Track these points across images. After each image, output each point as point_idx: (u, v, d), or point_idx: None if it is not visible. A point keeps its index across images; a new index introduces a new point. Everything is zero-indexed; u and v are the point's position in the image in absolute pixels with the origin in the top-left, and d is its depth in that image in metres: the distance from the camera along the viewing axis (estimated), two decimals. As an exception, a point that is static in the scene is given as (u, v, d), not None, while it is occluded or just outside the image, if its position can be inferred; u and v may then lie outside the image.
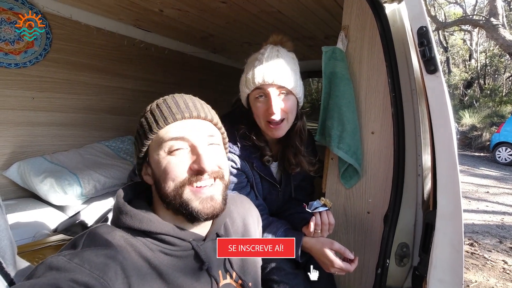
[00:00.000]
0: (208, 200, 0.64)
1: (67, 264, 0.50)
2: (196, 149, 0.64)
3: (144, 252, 0.60)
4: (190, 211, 0.62)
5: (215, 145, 0.69)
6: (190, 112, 0.67)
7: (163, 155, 0.64)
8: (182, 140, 0.64)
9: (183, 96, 0.71)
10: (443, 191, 0.85)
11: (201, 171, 0.63)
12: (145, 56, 2.47)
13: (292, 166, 1.19)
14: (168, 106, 0.67)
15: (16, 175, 1.81)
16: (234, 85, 1.20)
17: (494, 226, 3.95)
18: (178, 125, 0.66)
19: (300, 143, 1.18)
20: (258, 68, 1.04)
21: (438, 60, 0.85)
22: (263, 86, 1.03)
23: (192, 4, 1.67)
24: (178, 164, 0.63)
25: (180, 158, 0.64)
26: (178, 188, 0.63)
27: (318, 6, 1.58)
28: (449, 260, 0.85)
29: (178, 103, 0.67)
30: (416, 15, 0.88)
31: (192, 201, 0.63)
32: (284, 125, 1.09)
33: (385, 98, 1.13)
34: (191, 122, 0.67)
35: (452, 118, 0.87)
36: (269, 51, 1.09)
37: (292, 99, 1.08)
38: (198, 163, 0.63)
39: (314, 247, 1.01)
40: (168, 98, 0.70)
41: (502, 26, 9.50)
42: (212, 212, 0.64)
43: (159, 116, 0.66)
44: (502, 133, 8.52)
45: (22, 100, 1.83)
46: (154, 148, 0.67)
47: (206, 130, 0.68)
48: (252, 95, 1.09)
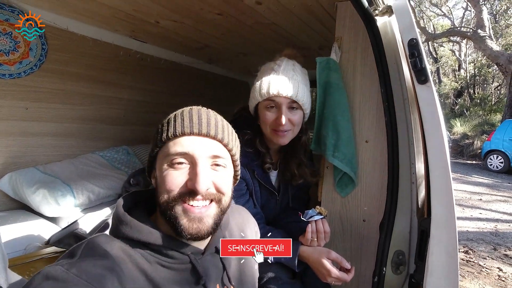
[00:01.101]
0: (195, 221, 0.62)
1: (64, 274, 0.50)
2: (195, 167, 0.63)
3: (142, 264, 0.60)
4: (176, 226, 0.62)
5: (221, 166, 0.67)
6: (200, 129, 0.65)
7: (166, 167, 0.65)
8: (185, 156, 0.64)
9: (201, 110, 0.69)
10: (437, 198, 0.87)
11: (195, 191, 0.62)
12: (140, 66, 2.48)
13: (296, 177, 1.22)
14: (182, 118, 0.66)
15: (7, 187, 1.78)
16: (230, 94, 1.22)
17: (488, 233, 3.98)
18: (185, 140, 0.65)
19: (304, 155, 1.23)
20: (274, 79, 1.07)
21: (429, 71, 0.88)
22: (276, 97, 1.07)
23: (188, 15, 1.70)
24: (175, 179, 0.63)
25: (179, 173, 0.63)
26: (171, 201, 0.62)
27: (312, 18, 1.62)
28: (445, 267, 0.85)
29: (192, 117, 0.66)
30: (407, 27, 0.91)
31: (181, 218, 0.62)
32: (290, 134, 1.13)
33: (378, 107, 1.15)
34: (198, 139, 0.66)
35: (444, 126, 0.89)
36: (285, 64, 1.13)
37: (300, 113, 1.13)
38: (193, 182, 0.62)
39: (311, 256, 1.01)
40: (186, 109, 0.69)
41: (489, 38, 9.82)
42: (196, 234, 0.62)
43: (172, 127, 0.66)
44: (492, 141, 8.69)
45: (16, 111, 1.82)
46: (160, 157, 0.67)
47: (212, 150, 0.66)
48: (262, 104, 1.12)
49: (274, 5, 1.48)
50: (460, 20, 18.41)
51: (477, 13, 10.43)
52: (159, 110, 2.68)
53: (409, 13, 0.91)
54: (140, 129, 2.64)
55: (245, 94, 1.25)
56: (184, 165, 0.64)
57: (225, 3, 1.48)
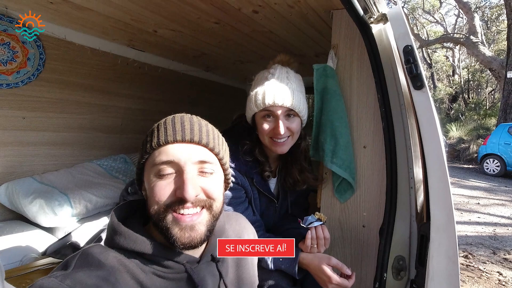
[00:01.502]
0: (187, 229, 0.61)
1: (59, 286, 0.49)
2: (182, 175, 0.62)
3: (137, 274, 0.59)
4: (169, 237, 0.61)
5: (208, 173, 0.66)
6: (183, 136, 0.64)
7: (152, 177, 0.64)
8: (170, 164, 0.63)
9: (184, 117, 0.68)
10: (436, 202, 0.87)
11: (183, 200, 0.61)
12: (138, 75, 2.49)
13: (299, 183, 1.22)
14: (165, 127, 0.65)
15: (3, 197, 1.76)
16: (227, 102, 1.23)
17: (487, 237, 3.98)
18: (170, 148, 0.64)
19: (305, 161, 1.23)
20: (268, 89, 1.06)
21: (424, 77, 0.90)
22: (272, 108, 1.06)
23: (185, 24, 1.72)
24: (163, 189, 0.62)
25: (167, 182, 0.63)
26: (161, 212, 0.61)
27: (308, 26, 1.65)
28: (446, 271, 0.85)
29: (175, 124, 0.66)
30: (402, 34, 0.93)
31: (172, 228, 0.61)
32: (289, 142, 1.13)
33: (375, 113, 1.16)
34: (183, 146, 0.64)
35: (440, 131, 0.91)
36: (278, 72, 1.12)
37: (298, 121, 1.13)
38: (180, 190, 0.61)
39: (312, 263, 1.00)
40: (169, 118, 0.68)
41: (481, 44, 9.99)
42: (189, 243, 0.61)
43: (155, 137, 0.65)
44: (488, 145, 8.76)
45: (13, 120, 1.81)
46: (147, 168, 0.66)
47: (198, 156, 0.65)
48: (259, 114, 1.11)
49: (271, 13, 1.50)
50: (453, 27, 18.76)
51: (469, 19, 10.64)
52: (156, 119, 2.63)
53: (403, 20, 0.93)
54: (138, 138, 2.63)
55: (242, 102, 1.25)
56: (170, 175, 0.63)
57: (222, 12, 1.50)
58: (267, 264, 1.04)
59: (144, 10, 1.53)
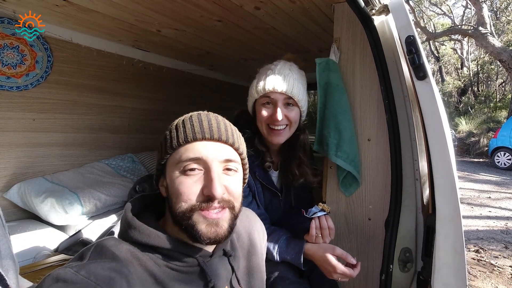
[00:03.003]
0: (213, 225, 0.63)
1: (74, 276, 0.51)
2: (209, 173, 0.63)
3: (150, 267, 0.60)
4: (194, 233, 0.62)
5: (232, 171, 0.68)
6: (211, 134, 0.65)
7: (178, 174, 0.64)
8: (198, 162, 0.64)
9: (209, 115, 0.69)
10: (441, 194, 0.86)
11: (211, 198, 0.62)
12: (143, 75, 2.53)
13: (296, 177, 1.23)
14: (192, 124, 0.66)
15: (16, 197, 1.81)
16: (232, 100, 1.25)
17: (499, 231, 3.91)
18: (197, 146, 0.65)
19: (303, 154, 1.24)
20: (270, 77, 1.11)
21: (427, 67, 0.89)
22: (272, 93, 1.10)
23: (188, 23, 1.73)
24: (190, 187, 0.63)
25: (193, 180, 0.63)
26: (188, 211, 0.62)
27: (310, 21, 1.64)
28: (452, 263, 0.85)
29: (202, 122, 0.66)
30: (403, 25, 0.92)
31: (199, 224, 0.62)
32: (286, 132, 1.15)
33: (379, 106, 1.16)
34: (210, 144, 0.66)
35: (446, 121, 0.90)
36: (282, 64, 1.17)
37: (296, 111, 1.16)
38: (209, 188, 0.62)
39: (316, 253, 1.01)
40: (194, 115, 0.69)
41: (490, 35, 9.77)
42: (214, 238, 0.63)
43: (181, 133, 0.66)
44: (499, 138, 8.59)
45: (23, 122, 1.86)
46: (171, 164, 0.66)
47: (224, 155, 0.66)
48: (259, 101, 1.15)
49: (273, 9, 1.50)
50: (461, 18, 18.38)
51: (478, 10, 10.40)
52: (163, 118, 2.72)
53: (405, 11, 0.93)
54: (144, 137, 2.67)
55: (247, 100, 1.27)
56: (197, 171, 0.64)
57: (225, 9, 1.51)
58: (272, 256, 1.05)
59: (148, 10, 1.55)
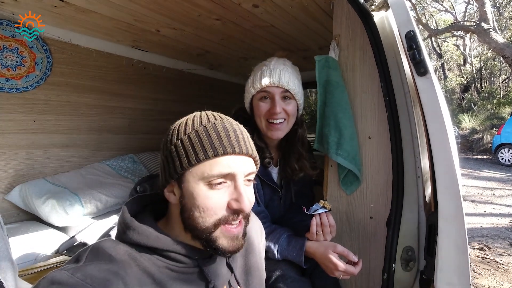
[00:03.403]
0: (234, 239, 0.64)
1: (69, 279, 0.50)
2: (238, 188, 0.63)
3: (149, 268, 0.60)
4: (215, 247, 0.62)
5: (250, 181, 0.68)
6: (241, 149, 0.64)
7: (203, 188, 0.62)
8: (227, 176, 0.63)
9: (232, 124, 0.67)
10: (443, 191, 0.85)
11: (239, 212, 0.62)
12: (143, 75, 2.52)
13: (296, 171, 1.24)
14: (219, 134, 0.63)
15: (18, 198, 1.81)
16: (233, 99, 1.24)
17: (503, 229, 3.88)
18: (226, 160, 0.62)
19: (302, 148, 1.25)
20: (265, 72, 1.14)
21: (428, 63, 0.87)
22: (268, 88, 1.13)
23: (187, 22, 1.73)
24: (218, 201, 0.62)
25: (220, 194, 0.63)
26: (213, 226, 0.62)
27: (309, 18, 1.63)
28: (455, 261, 0.83)
29: (229, 133, 0.64)
30: (403, 21, 0.91)
31: (221, 239, 0.62)
32: (284, 127, 1.16)
33: (379, 103, 1.14)
34: (238, 158, 0.64)
35: (448, 117, 0.88)
36: (275, 60, 1.20)
37: (294, 104, 1.18)
38: (238, 203, 0.62)
39: (318, 251, 1.00)
40: (218, 124, 0.64)
41: (493, 30, 9.68)
42: (235, 251, 0.64)
43: (208, 144, 0.62)
44: (503, 135, 8.52)
45: (24, 124, 1.86)
46: (193, 176, 0.62)
47: (249, 168, 0.66)
48: (256, 97, 1.17)
49: (271, 7, 1.49)
50: (463, 15, 18.24)
51: (480, 6, 10.31)
52: (163, 118, 2.72)
53: (405, 6, 0.91)
54: (145, 137, 2.67)
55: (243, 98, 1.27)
56: (223, 184, 0.63)
57: (223, 8, 1.50)
58: (273, 255, 1.04)
59: (146, 9, 1.55)
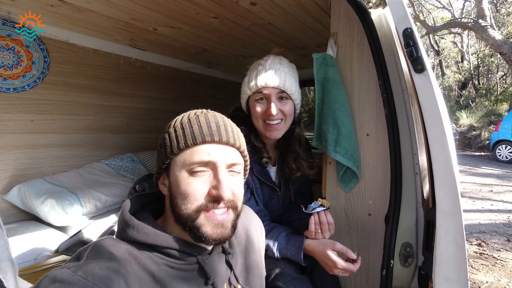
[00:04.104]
0: (218, 227, 0.64)
1: (71, 276, 0.50)
2: (218, 175, 0.64)
3: (149, 265, 0.60)
4: (200, 235, 0.63)
5: (236, 173, 0.69)
6: (220, 137, 0.66)
7: (185, 175, 0.64)
8: (208, 165, 0.64)
9: (216, 116, 0.70)
10: (441, 188, 0.86)
11: (219, 199, 0.63)
12: (141, 74, 2.51)
13: (293, 171, 1.23)
14: (200, 125, 0.66)
15: (16, 198, 1.81)
16: (231, 97, 1.24)
17: (501, 224, 3.90)
18: (206, 148, 0.65)
19: (299, 148, 1.24)
20: (261, 72, 1.11)
21: (425, 60, 0.88)
22: (264, 89, 1.10)
23: (184, 21, 1.72)
24: (198, 188, 0.63)
25: (201, 181, 0.64)
26: (195, 212, 0.63)
27: (307, 16, 1.63)
28: (453, 257, 0.84)
29: (210, 124, 0.67)
30: (401, 18, 0.91)
31: (204, 226, 0.63)
32: (281, 127, 1.15)
33: (377, 100, 1.15)
34: (219, 147, 0.66)
35: (445, 114, 0.89)
36: (271, 59, 1.17)
37: (290, 104, 1.16)
38: (217, 190, 0.63)
39: (316, 249, 1.00)
40: (200, 115, 0.68)
41: (490, 27, 9.69)
42: (220, 239, 0.64)
43: (189, 134, 0.65)
44: (500, 131, 8.56)
45: (22, 124, 1.85)
46: (177, 164, 0.66)
47: (231, 158, 0.67)
48: (252, 97, 1.15)
49: (269, 5, 1.49)
50: (460, 11, 18.24)
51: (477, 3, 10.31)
52: (161, 117, 2.72)
53: (402, 3, 0.91)
54: (144, 136, 2.67)
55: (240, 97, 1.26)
56: (204, 172, 0.64)
57: (220, 5, 1.50)
58: (273, 253, 1.05)
59: (143, 8, 1.54)
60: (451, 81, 17.82)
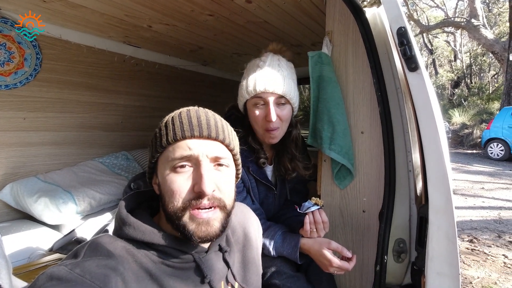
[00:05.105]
0: (203, 224, 0.63)
1: (68, 274, 0.50)
2: (199, 169, 0.63)
3: (146, 263, 0.60)
4: (185, 233, 0.62)
5: (224, 166, 0.68)
6: (201, 131, 0.65)
7: (168, 172, 0.64)
8: (188, 160, 0.64)
9: (199, 111, 0.68)
10: (434, 184, 0.87)
11: (201, 194, 0.62)
12: (136, 71, 2.50)
13: (289, 172, 1.23)
14: (181, 121, 0.66)
15: (9, 197, 1.79)
16: (226, 95, 1.23)
17: (492, 221, 3.98)
18: (187, 143, 0.64)
19: (295, 149, 1.23)
20: (259, 76, 1.07)
21: (419, 58, 0.89)
22: (263, 94, 1.07)
23: (179, 18, 1.71)
24: (181, 185, 0.63)
25: (184, 177, 0.63)
26: (180, 210, 0.62)
27: (303, 14, 1.63)
28: (445, 252, 0.86)
29: (191, 119, 0.66)
30: (395, 17, 0.92)
31: (189, 224, 0.62)
32: (279, 133, 1.13)
33: (372, 98, 1.16)
34: (200, 142, 0.65)
35: (438, 112, 0.90)
36: (270, 59, 1.13)
37: (288, 108, 1.13)
38: (198, 185, 0.62)
39: (312, 247, 1.01)
40: (183, 112, 0.68)
41: (483, 27, 9.82)
42: (205, 237, 0.63)
43: (171, 131, 0.65)
44: (492, 130, 8.69)
45: (14, 121, 1.83)
46: (162, 162, 0.66)
47: (215, 152, 0.66)
48: (250, 102, 1.12)
49: (264, 3, 1.49)
50: (454, 11, 18.42)
51: (470, 2, 10.44)
52: (156, 115, 2.70)
53: (396, 2, 0.92)
54: (138, 134, 2.65)
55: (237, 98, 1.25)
56: (187, 168, 0.64)
57: (216, 3, 1.49)
58: (269, 251, 1.05)
59: (137, 5, 1.53)
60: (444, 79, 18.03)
